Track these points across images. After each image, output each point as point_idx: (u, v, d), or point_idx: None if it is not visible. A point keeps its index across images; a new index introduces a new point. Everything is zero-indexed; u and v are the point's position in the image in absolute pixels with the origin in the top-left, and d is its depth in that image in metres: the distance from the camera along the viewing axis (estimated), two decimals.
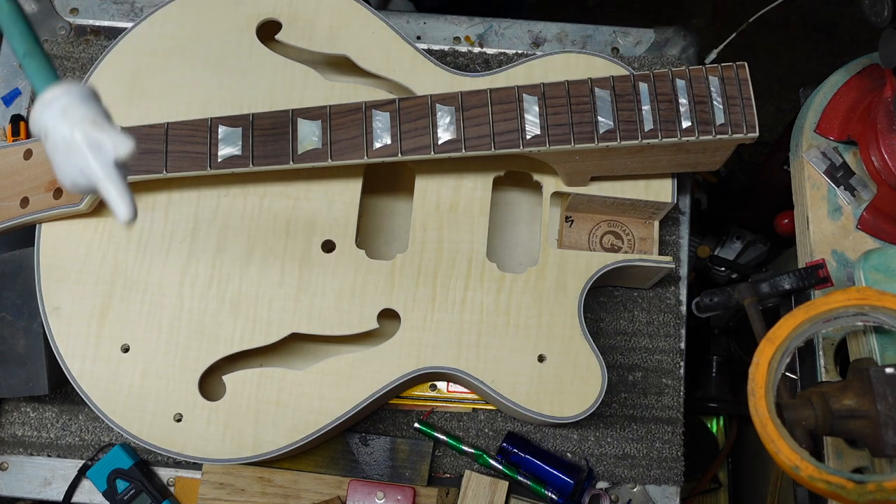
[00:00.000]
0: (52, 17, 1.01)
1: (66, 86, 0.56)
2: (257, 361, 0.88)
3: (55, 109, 0.55)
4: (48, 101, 0.55)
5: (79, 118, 0.55)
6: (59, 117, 0.55)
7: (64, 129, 0.54)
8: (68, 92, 0.55)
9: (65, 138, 0.54)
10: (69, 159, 0.55)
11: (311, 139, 0.80)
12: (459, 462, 0.91)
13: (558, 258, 0.84)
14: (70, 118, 0.54)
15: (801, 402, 0.66)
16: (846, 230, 0.85)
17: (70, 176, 0.56)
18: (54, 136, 0.55)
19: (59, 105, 0.55)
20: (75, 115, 0.55)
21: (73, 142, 0.54)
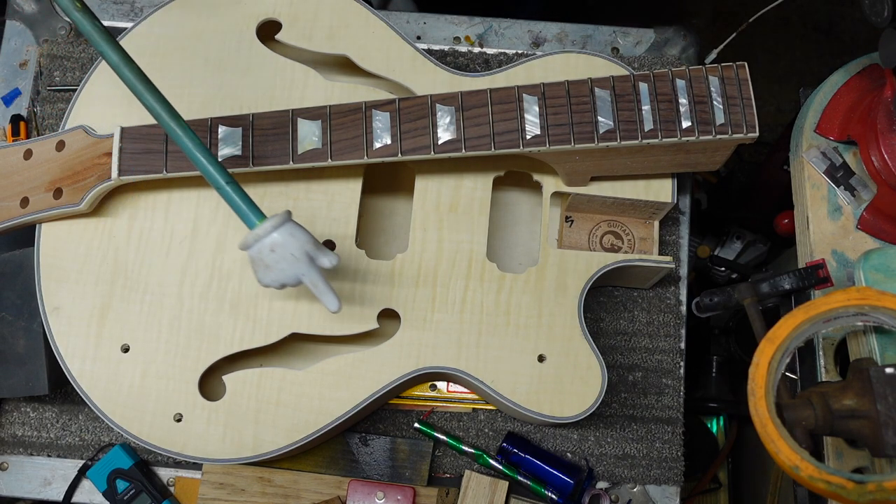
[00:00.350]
0: (52, 17, 1.02)
1: (283, 214, 0.72)
2: (257, 361, 0.88)
3: (284, 231, 0.71)
4: (278, 223, 0.71)
5: (303, 240, 0.71)
6: (289, 237, 0.71)
7: (294, 247, 0.71)
8: (288, 217, 0.72)
9: (293, 254, 0.71)
10: (292, 267, 0.71)
11: (311, 139, 0.80)
12: (459, 462, 0.91)
13: (558, 258, 0.84)
14: (297, 239, 0.71)
15: (801, 402, 0.66)
16: (846, 230, 0.85)
17: (284, 279, 0.72)
18: (283, 250, 0.71)
19: (288, 230, 0.71)
20: (300, 237, 0.71)
21: (299, 257, 0.71)
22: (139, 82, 0.70)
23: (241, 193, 0.71)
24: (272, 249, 0.71)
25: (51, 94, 0.99)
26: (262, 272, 0.73)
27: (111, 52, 0.70)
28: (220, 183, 0.71)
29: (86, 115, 0.86)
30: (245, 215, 0.72)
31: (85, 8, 0.69)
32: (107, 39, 0.70)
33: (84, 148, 0.81)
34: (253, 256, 0.72)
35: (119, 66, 0.70)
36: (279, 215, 0.72)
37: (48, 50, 1.00)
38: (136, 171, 0.80)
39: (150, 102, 0.70)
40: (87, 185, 0.81)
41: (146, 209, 0.84)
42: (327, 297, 0.72)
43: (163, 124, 0.71)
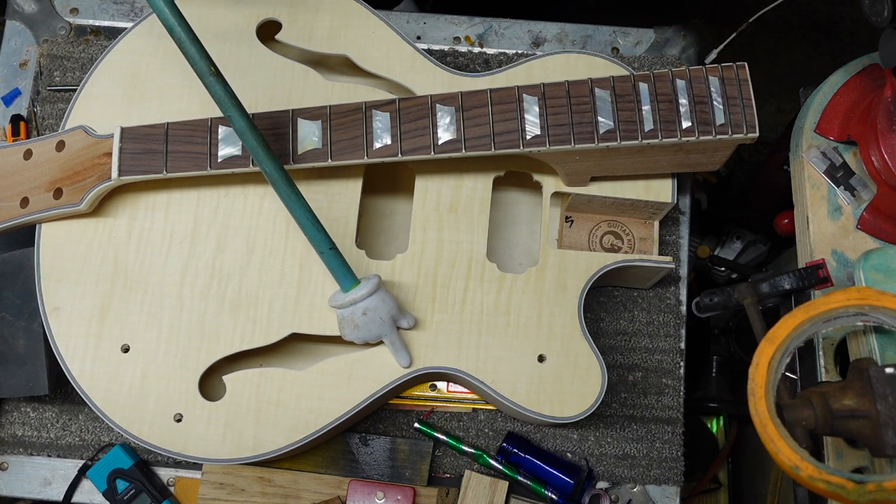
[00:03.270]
0: (52, 17, 1.02)
1: (376, 279, 0.78)
2: (257, 361, 0.88)
3: (378, 296, 0.78)
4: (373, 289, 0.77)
5: (391, 305, 0.79)
6: (380, 303, 0.78)
7: (383, 312, 0.78)
8: (380, 282, 0.79)
9: (382, 317, 0.78)
10: (379, 328, 0.78)
11: (311, 139, 0.80)
12: (459, 462, 0.91)
13: (558, 258, 0.84)
14: (387, 304, 0.78)
15: (801, 402, 0.66)
16: (846, 230, 0.85)
17: (367, 337, 0.79)
18: (374, 314, 0.78)
19: (380, 296, 0.78)
20: (389, 302, 0.78)
21: (386, 321, 0.78)
22: (261, 148, 0.74)
23: (340, 258, 0.77)
24: (364, 312, 0.77)
25: (51, 94, 0.99)
26: (349, 330, 0.79)
27: (239, 118, 0.74)
28: (324, 248, 0.76)
29: (86, 115, 0.86)
30: (342, 278, 0.77)
31: (218, 73, 0.73)
32: (236, 105, 0.74)
33: (84, 148, 0.81)
34: (344, 315, 0.78)
35: (244, 132, 0.74)
36: (372, 281, 0.78)
37: (48, 50, 1.00)
38: (135, 172, 0.80)
39: (270, 168, 0.74)
40: (87, 185, 0.81)
41: (146, 209, 0.84)
42: (401, 354, 0.80)
43: (277, 189, 0.75)
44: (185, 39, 0.72)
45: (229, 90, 0.73)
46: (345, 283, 0.77)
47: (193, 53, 0.73)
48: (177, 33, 0.72)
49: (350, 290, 0.77)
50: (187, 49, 0.72)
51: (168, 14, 0.72)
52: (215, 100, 0.73)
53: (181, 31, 0.72)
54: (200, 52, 0.73)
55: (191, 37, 0.72)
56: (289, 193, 0.75)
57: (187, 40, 0.72)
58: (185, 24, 0.72)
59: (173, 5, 0.72)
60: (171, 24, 0.72)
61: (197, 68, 0.73)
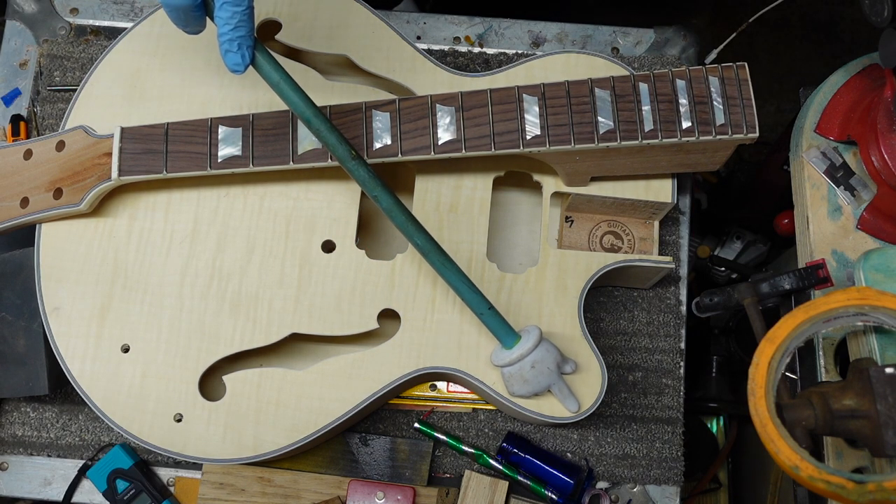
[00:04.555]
0: (52, 17, 1.02)
1: (537, 332, 0.78)
2: (257, 361, 0.88)
3: (543, 348, 0.78)
4: (535, 342, 0.78)
5: (555, 353, 0.79)
6: (546, 354, 0.78)
7: (550, 362, 0.78)
8: (542, 335, 0.79)
9: (549, 367, 0.78)
10: (546, 378, 0.78)
11: (312, 139, 0.80)
12: (459, 462, 0.91)
13: (558, 258, 0.84)
14: (552, 354, 0.78)
15: (801, 402, 0.66)
16: (846, 230, 0.85)
17: (537, 388, 0.79)
18: (542, 366, 0.78)
19: (545, 346, 0.78)
20: (553, 351, 0.79)
21: (553, 370, 0.78)
22: (411, 224, 0.75)
23: (499, 317, 0.77)
24: (533, 366, 0.78)
25: (51, 94, 0.99)
26: (518, 385, 0.79)
27: (385, 196, 0.74)
28: (483, 309, 0.76)
29: (86, 115, 0.86)
30: (503, 336, 0.78)
31: (359, 157, 0.74)
32: (381, 185, 0.74)
33: (84, 148, 0.81)
34: (512, 372, 0.78)
35: (392, 209, 0.74)
36: (534, 334, 0.78)
37: (48, 50, 1.00)
38: (136, 172, 0.80)
39: (422, 241, 0.75)
40: (87, 185, 0.81)
41: (146, 209, 0.84)
42: (570, 400, 0.80)
43: (430, 260, 0.76)
44: (324, 130, 0.72)
45: (371, 171, 0.73)
46: (507, 340, 0.78)
47: (334, 142, 0.73)
48: (315, 125, 0.72)
49: (514, 345, 0.78)
50: (327, 138, 0.72)
51: (304, 108, 0.72)
52: (359, 181, 0.73)
53: (320, 123, 0.72)
54: (340, 140, 0.73)
55: (328, 126, 0.72)
56: (443, 263, 0.75)
57: (326, 130, 0.72)
58: (322, 115, 0.72)
59: (308, 100, 0.72)
60: (307, 116, 0.72)
61: (338, 154, 0.73)
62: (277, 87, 0.71)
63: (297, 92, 0.71)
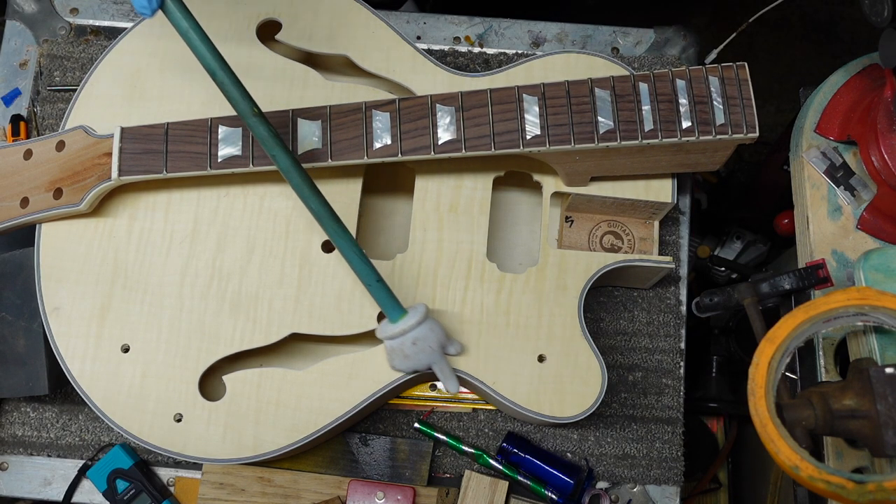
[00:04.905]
0: (52, 17, 1.02)
1: (422, 308, 0.78)
2: (257, 361, 0.88)
3: (426, 326, 0.77)
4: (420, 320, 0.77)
5: (439, 332, 0.78)
6: (429, 332, 0.78)
7: (432, 340, 0.78)
8: (427, 312, 0.78)
9: (431, 346, 0.78)
10: (428, 356, 0.78)
11: (311, 139, 0.80)
12: (459, 462, 0.91)
13: (558, 258, 0.84)
14: (436, 333, 0.78)
15: (801, 402, 0.66)
16: (846, 230, 0.85)
17: (417, 366, 0.79)
18: (423, 343, 0.78)
19: (429, 325, 0.78)
20: (437, 330, 0.78)
21: (435, 349, 0.78)
22: (307, 187, 0.74)
23: (387, 290, 0.77)
24: (414, 342, 0.77)
25: (51, 94, 0.99)
26: (398, 360, 0.79)
27: (284, 157, 0.74)
28: (371, 280, 0.76)
29: (86, 115, 0.86)
30: (390, 309, 0.77)
31: (261, 114, 0.73)
32: (280, 145, 0.73)
33: (84, 148, 0.81)
34: (393, 346, 0.78)
35: (289, 170, 0.74)
36: (419, 311, 0.78)
37: (48, 50, 1.00)
38: (135, 172, 0.80)
39: (316, 206, 0.75)
40: (87, 185, 0.81)
41: (146, 209, 0.84)
42: (450, 381, 0.80)
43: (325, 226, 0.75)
44: (227, 83, 0.72)
45: (272, 130, 0.73)
46: (393, 313, 0.77)
47: (236, 96, 0.72)
48: (219, 77, 0.72)
49: (399, 320, 0.77)
50: (230, 91, 0.72)
51: (210, 59, 0.71)
52: (258, 139, 0.73)
53: (223, 75, 0.72)
54: (243, 94, 0.72)
55: (233, 79, 0.72)
56: (336, 229, 0.75)
57: (230, 83, 0.72)
58: (227, 66, 0.72)
59: (214, 50, 0.71)
60: (212, 67, 0.71)
61: (239, 110, 0.73)
62: (186, 35, 0.71)
63: (204, 42, 0.71)
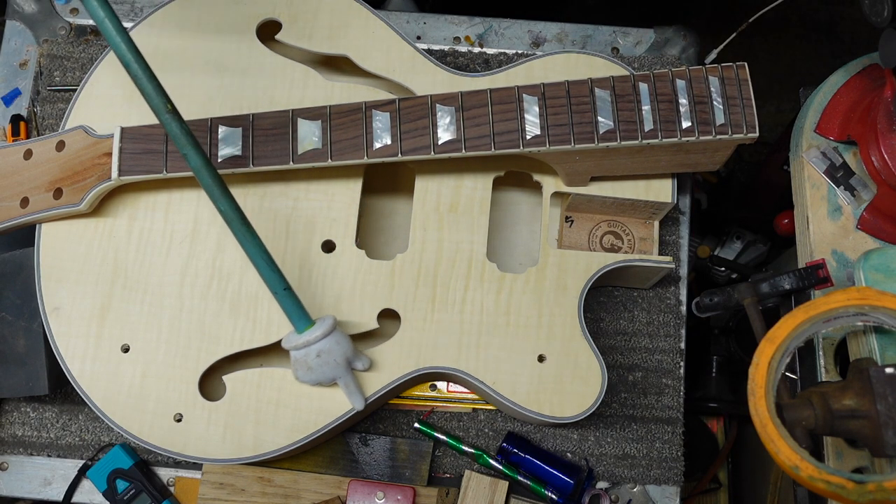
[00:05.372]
0: (52, 17, 1.02)
1: (329, 321, 0.77)
2: (257, 361, 0.88)
3: (332, 339, 0.76)
4: (326, 331, 0.76)
5: (346, 347, 0.77)
6: (335, 345, 0.77)
7: (337, 354, 0.77)
8: (334, 325, 0.77)
9: (336, 360, 0.77)
10: (332, 370, 0.77)
11: (311, 139, 0.80)
12: (459, 462, 0.91)
13: (558, 258, 0.84)
14: (342, 346, 0.77)
15: (801, 402, 0.66)
16: (846, 230, 0.85)
17: (321, 379, 0.78)
18: (328, 356, 0.76)
19: (335, 338, 0.77)
20: (344, 344, 0.77)
21: (340, 363, 0.77)
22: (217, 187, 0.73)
23: (295, 299, 0.76)
24: (318, 354, 0.76)
25: (51, 94, 0.99)
26: (302, 371, 0.78)
27: (195, 156, 0.73)
28: (278, 288, 0.75)
29: (86, 115, 0.86)
30: (296, 319, 0.76)
31: (174, 111, 0.72)
32: (192, 143, 0.73)
33: (84, 148, 0.81)
34: (297, 357, 0.77)
35: (200, 169, 0.73)
36: (326, 322, 0.77)
37: (48, 50, 1.00)
38: (136, 172, 0.80)
39: (225, 207, 0.73)
40: (87, 185, 0.81)
41: (146, 209, 0.84)
42: (355, 397, 0.79)
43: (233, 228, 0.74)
44: (141, 76, 0.71)
45: (185, 128, 0.72)
46: (299, 324, 0.76)
47: (150, 90, 0.71)
48: (133, 69, 0.71)
49: (304, 330, 0.76)
50: (144, 85, 0.71)
51: (125, 50, 0.71)
52: (171, 136, 0.72)
53: (138, 68, 0.71)
54: (157, 89, 0.72)
55: (147, 73, 0.71)
56: (244, 233, 0.74)
57: (144, 77, 0.71)
58: (142, 59, 0.71)
59: (130, 41, 0.71)
60: (127, 59, 0.71)
61: (153, 105, 0.72)
62: (101, 25, 0.71)
63: (120, 33, 0.71)
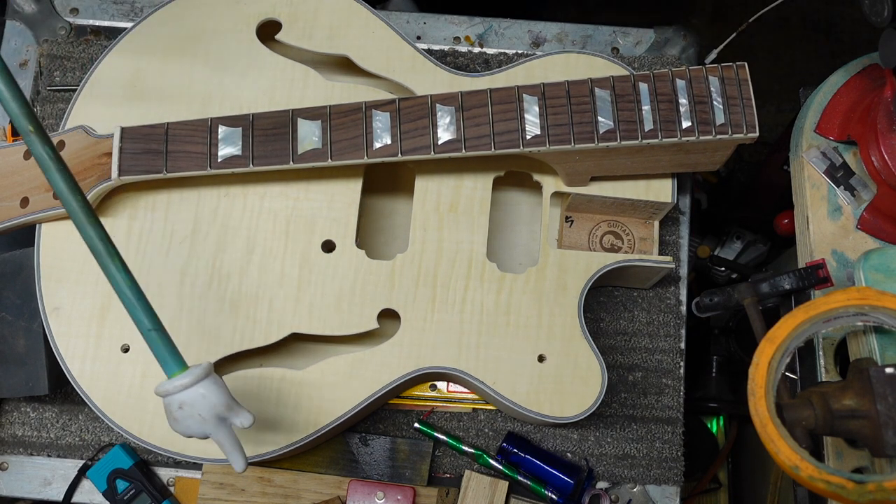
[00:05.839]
0: (52, 17, 1.02)
1: (201, 370, 0.68)
2: (257, 361, 0.88)
3: (196, 391, 0.68)
4: (190, 382, 0.67)
5: (215, 402, 0.68)
6: (199, 399, 0.68)
7: (202, 408, 0.68)
8: (205, 374, 0.68)
9: (200, 414, 0.68)
10: (200, 426, 0.68)
11: (311, 139, 0.80)
12: (459, 462, 0.91)
13: (558, 258, 0.84)
14: (208, 401, 0.68)
15: (801, 402, 0.66)
16: (846, 230, 0.85)
17: (190, 432, 0.69)
18: (191, 409, 0.67)
19: (199, 390, 0.68)
20: (212, 399, 0.68)
21: (207, 418, 0.68)
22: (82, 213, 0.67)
23: (165, 340, 0.68)
24: (180, 406, 0.68)
25: (51, 94, 0.99)
26: (170, 421, 0.70)
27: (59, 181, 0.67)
28: (143, 328, 0.68)
29: (86, 115, 0.86)
30: (164, 363, 0.68)
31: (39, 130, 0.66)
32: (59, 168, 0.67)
33: (84, 148, 0.81)
34: (165, 404, 0.69)
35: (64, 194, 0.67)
36: (194, 372, 0.68)
37: (48, 50, 1.00)
38: (136, 172, 0.80)
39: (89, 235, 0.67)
40: (87, 185, 0.81)
41: (146, 209, 0.84)
42: (233, 456, 0.70)
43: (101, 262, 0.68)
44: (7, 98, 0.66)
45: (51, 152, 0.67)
46: (167, 368, 0.68)
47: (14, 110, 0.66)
48: None
49: (172, 376, 0.68)
50: (8, 105, 0.66)
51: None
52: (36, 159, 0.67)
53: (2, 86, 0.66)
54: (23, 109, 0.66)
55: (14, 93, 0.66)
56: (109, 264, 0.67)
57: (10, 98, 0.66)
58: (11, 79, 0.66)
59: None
60: None
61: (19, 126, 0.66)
62: None
63: None
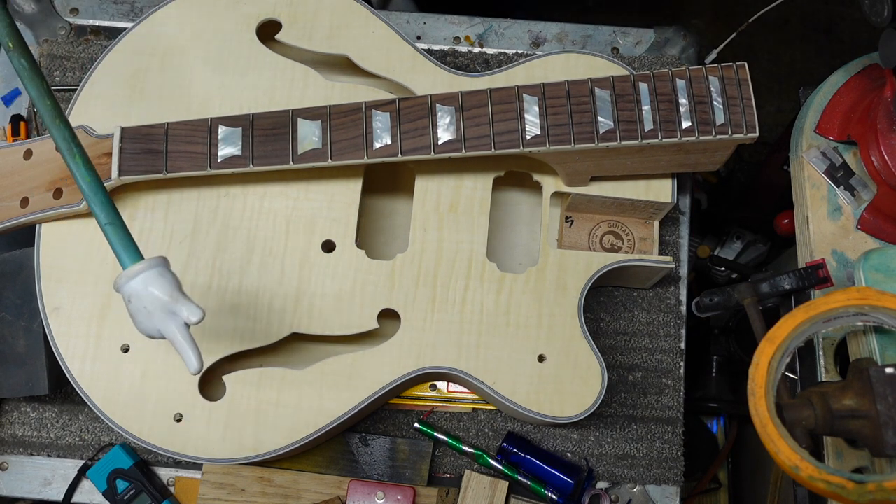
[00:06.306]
0: (52, 17, 1.01)
1: (148, 262, 0.65)
2: (257, 361, 0.88)
3: (139, 282, 0.65)
4: (133, 273, 0.65)
5: (160, 292, 0.65)
6: (143, 289, 0.65)
7: (147, 301, 0.65)
8: (149, 266, 0.66)
9: (146, 307, 0.65)
10: (149, 320, 0.66)
11: (311, 139, 0.80)
12: (459, 462, 0.91)
13: (558, 258, 0.84)
14: (150, 292, 0.65)
15: (801, 402, 0.66)
16: (846, 230, 0.85)
17: (147, 331, 0.67)
18: (137, 303, 0.65)
19: (143, 279, 0.65)
20: (157, 289, 0.65)
21: (152, 311, 0.65)
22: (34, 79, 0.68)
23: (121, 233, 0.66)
24: (129, 300, 0.66)
25: None
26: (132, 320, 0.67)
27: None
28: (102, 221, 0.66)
29: (86, 115, 0.86)
30: (119, 256, 0.66)
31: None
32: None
33: (84, 148, 0.81)
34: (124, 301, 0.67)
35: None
36: (144, 263, 0.66)
37: (48, 50, 1.00)
38: (136, 172, 0.80)
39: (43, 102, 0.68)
40: None
41: (146, 209, 0.84)
42: (186, 353, 0.66)
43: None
44: None
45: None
46: (122, 261, 0.66)
47: None
48: None
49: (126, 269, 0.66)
50: None
51: None
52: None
53: None
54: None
55: None
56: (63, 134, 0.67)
57: None
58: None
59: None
60: None
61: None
62: None
63: None
